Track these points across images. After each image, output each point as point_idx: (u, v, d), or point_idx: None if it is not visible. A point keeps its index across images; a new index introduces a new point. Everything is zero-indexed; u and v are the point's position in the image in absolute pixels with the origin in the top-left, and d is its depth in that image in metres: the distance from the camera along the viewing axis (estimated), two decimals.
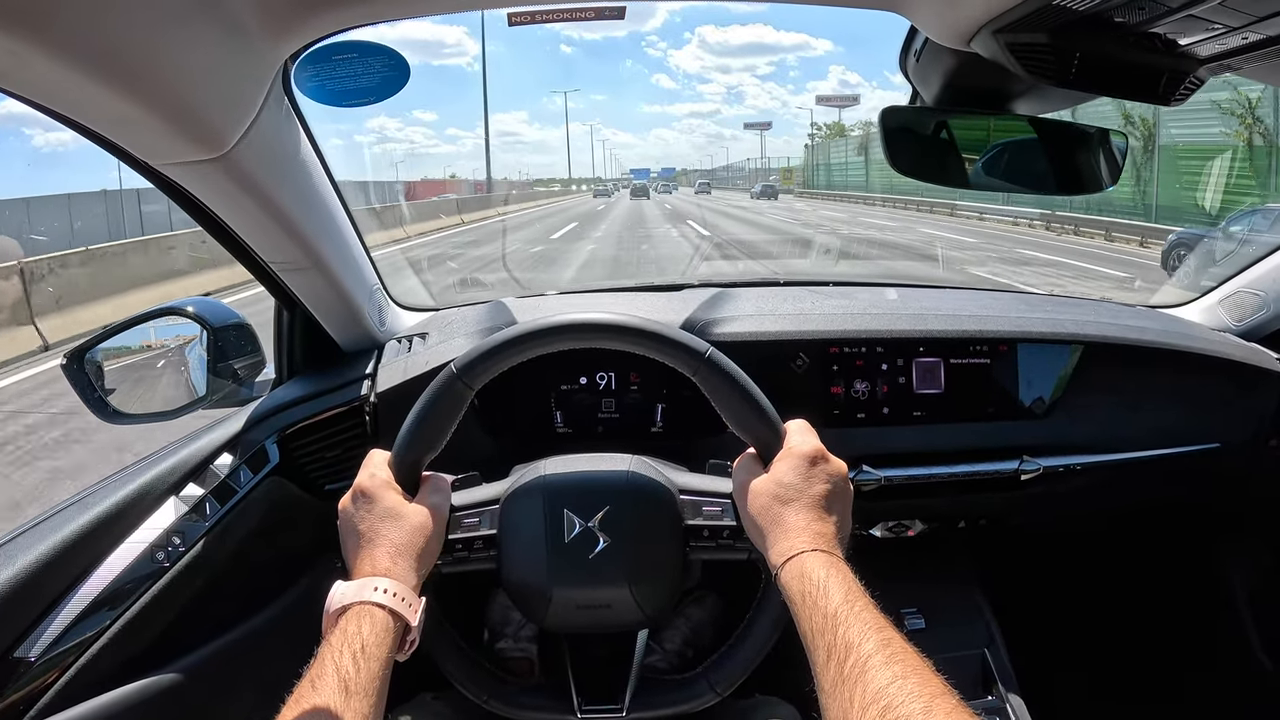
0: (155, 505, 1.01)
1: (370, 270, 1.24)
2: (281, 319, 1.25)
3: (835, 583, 0.71)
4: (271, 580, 1.14)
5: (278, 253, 1.05)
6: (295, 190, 0.98)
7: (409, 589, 0.78)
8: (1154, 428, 1.31)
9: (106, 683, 0.92)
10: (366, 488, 0.83)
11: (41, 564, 0.89)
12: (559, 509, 0.89)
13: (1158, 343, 1.32)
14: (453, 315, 1.39)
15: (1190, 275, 7.03)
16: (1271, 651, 1.50)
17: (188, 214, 0.96)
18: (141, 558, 0.97)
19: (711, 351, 0.85)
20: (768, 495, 0.81)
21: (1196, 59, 0.80)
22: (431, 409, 0.86)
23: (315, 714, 0.65)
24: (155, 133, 0.77)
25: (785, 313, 1.31)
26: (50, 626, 0.89)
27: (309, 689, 0.67)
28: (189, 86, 0.74)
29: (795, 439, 0.85)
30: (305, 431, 1.17)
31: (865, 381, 1.26)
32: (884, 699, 0.59)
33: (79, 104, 0.72)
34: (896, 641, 0.65)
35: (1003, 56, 0.77)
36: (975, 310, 1.35)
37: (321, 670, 0.68)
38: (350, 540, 0.83)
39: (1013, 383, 1.28)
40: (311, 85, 0.91)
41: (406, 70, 0.92)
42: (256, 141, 0.85)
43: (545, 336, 0.86)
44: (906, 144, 0.97)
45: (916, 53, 0.92)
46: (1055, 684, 1.44)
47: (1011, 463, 1.24)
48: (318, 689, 0.67)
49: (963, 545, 1.50)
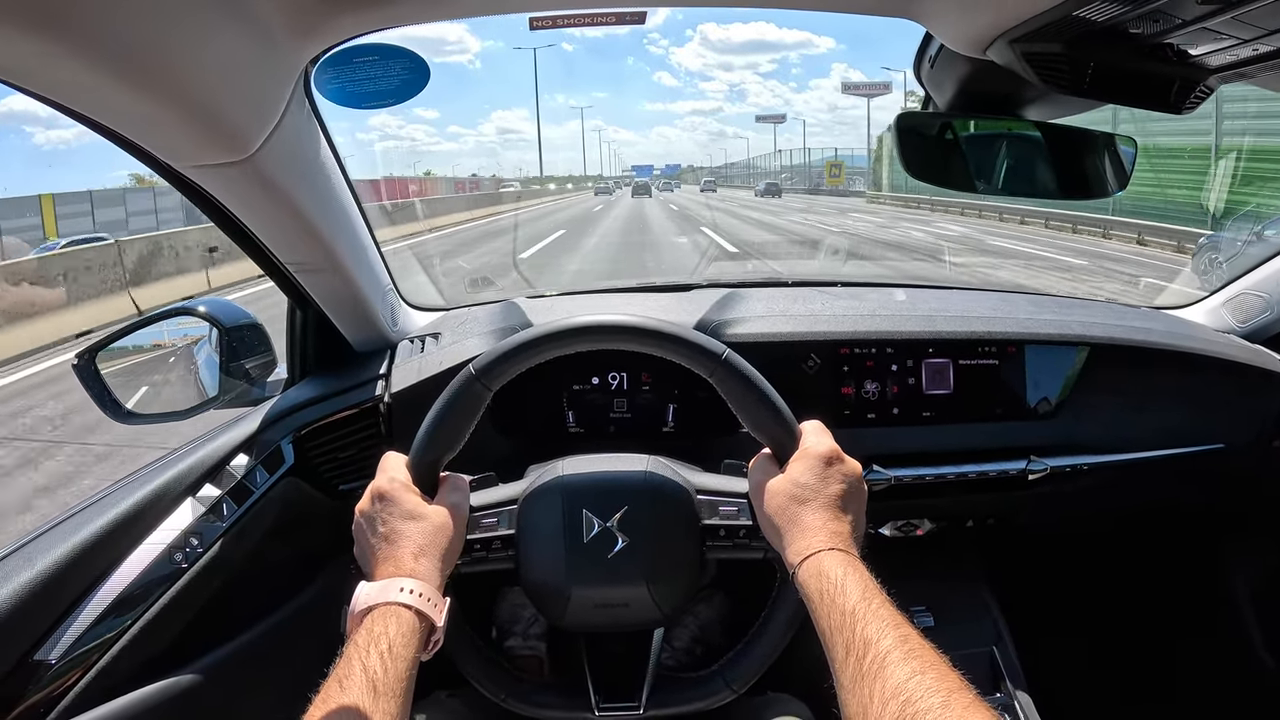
0: (173, 506, 1.02)
1: (384, 270, 1.25)
2: (295, 319, 1.25)
3: (853, 581, 0.72)
4: (287, 580, 1.15)
5: (295, 253, 1.06)
6: (315, 192, 0.99)
7: (434, 589, 0.78)
8: (1159, 428, 1.32)
9: (126, 684, 0.92)
10: (385, 490, 0.84)
11: (60, 566, 0.89)
12: (578, 509, 0.90)
13: (1163, 344, 1.34)
14: (464, 315, 1.40)
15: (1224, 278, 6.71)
16: (1274, 650, 1.52)
17: (206, 215, 0.97)
18: (160, 559, 0.97)
19: (728, 353, 0.86)
20: (784, 495, 0.82)
21: (1207, 69, 0.81)
22: (450, 410, 0.86)
23: (344, 713, 0.65)
24: (181, 135, 0.78)
25: (796, 314, 1.32)
26: (70, 628, 0.89)
27: (336, 689, 0.67)
28: (215, 90, 0.74)
29: (811, 439, 0.86)
30: (320, 432, 1.17)
31: (875, 382, 1.27)
32: (903, 694, 0.60)
33: (106, 106, 0.72)
34: (914, 638, 0.66)
35: (1018, 65, 0.78)
36: (983, 311, 1.36)
37: (349, 670, 0.69)
38: (370, 543, 0.83)
39: (1020, 383, 1.29)
40: (332, 88, 0.92)
41: (426, 73, 0.93)
42: (280, 145, 0.86)
43: (564, 338, 0.87)
44: (920, 148, 0.98)
45: (931, 59, 0.93)
46: (1063, 682, 1.45)
47: (1019, 463, 1.25)
48: (345, 689, 0.67)
49: (971, 544, 1.51)
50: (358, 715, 0.65)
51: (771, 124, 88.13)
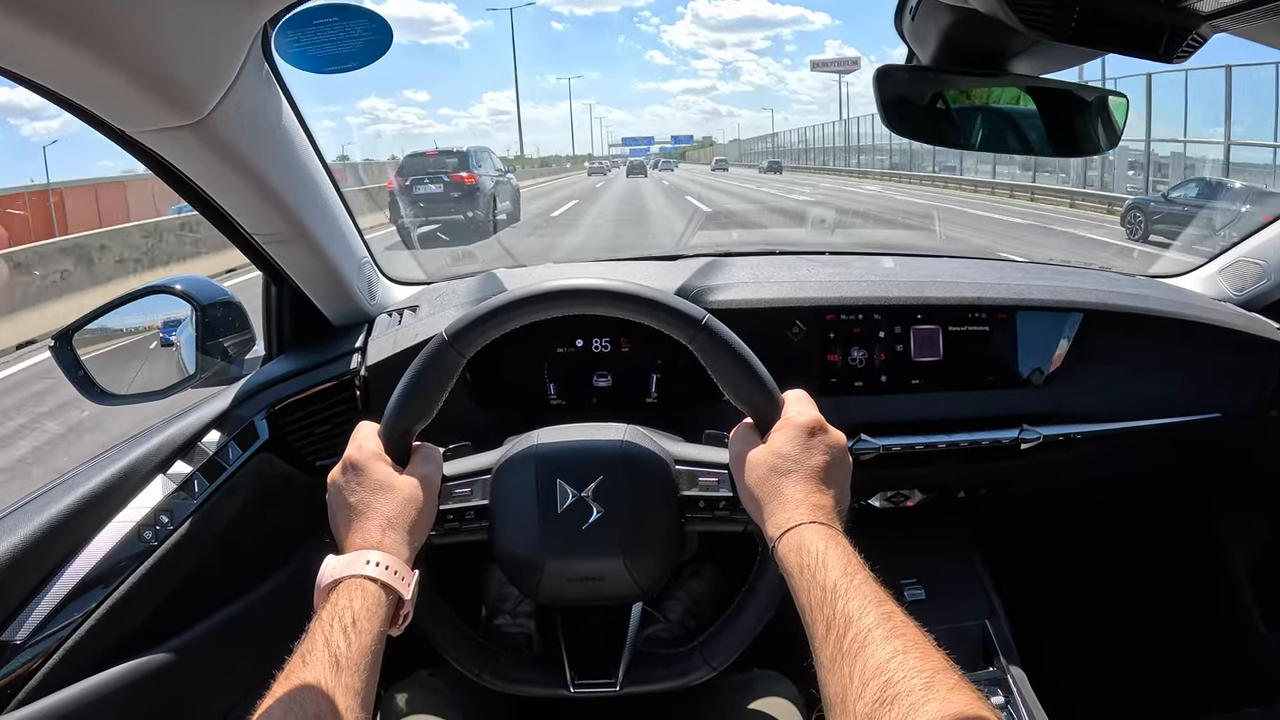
0: (143, 484, 1.00)
1: (359, 242, 1.23)
2: (270, 293, 1.23)
3: (834, 555, 0.70)
4: (262, 558, 1.14)
5: (261, 223, 1.03)
6: (277, 158, 0.96)
7: (401, 561, 0.77)
8: (1154, 397, 1.30)
9: (96, 664, 0.91)
10: (356, 459, 0.82)
11: (26, 546, 0.88)
12: (551, 479, 0.87)
13: (1158, 311, 1.31)
14: (444, 288, 1.38)
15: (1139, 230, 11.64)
16: (1269, 621, 1.51)
17: (168, 185, 0.94)
18: (129, 537, 0.96)
19: (708, 318, 0.83)
20: (765, 466, 0.79)
21: (1198, 15, 0.78)
22: (422, 377, 0.84)
23: (305, 689, 0.64)
24: (129, 98, 0.75)
25: (781, 280, 1.29)
26: (37, 609, 0.88)
27: (299, 664, 0.66)
28: (163, 49, 0.71)
29: (794, 409, 0.83)
30: (295, 407, 1.15)
31: (863, 349, 1.24)
32: (885, 674, 0.58)
33: (49, 69, 0.70)
34: (897, 615, 0.64)
35: (1000, 10, 0.74)
36: (974, 278, 1.34)
37: (312, 645, 0.68)
38: (340, 514, 0.82)
39: (1012, 351, 1.26)
40: (293, 51, 0.88)
41: (389, 34, 0.90)
42: (235, 107, 0.83)
43: (538, 302, 0.84)
44: (901, 106, 0.94)
45: (912, 10, 0.89)
46: (1056, 655, 1.44)
47: (1011, 431, 1.23)
48: (308, 664, 0.66)
49: (962, 515, 1.49)
50: (319, 690, 0.64)
51: (836, 73, 76.43)
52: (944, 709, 0.55)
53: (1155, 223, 11.43)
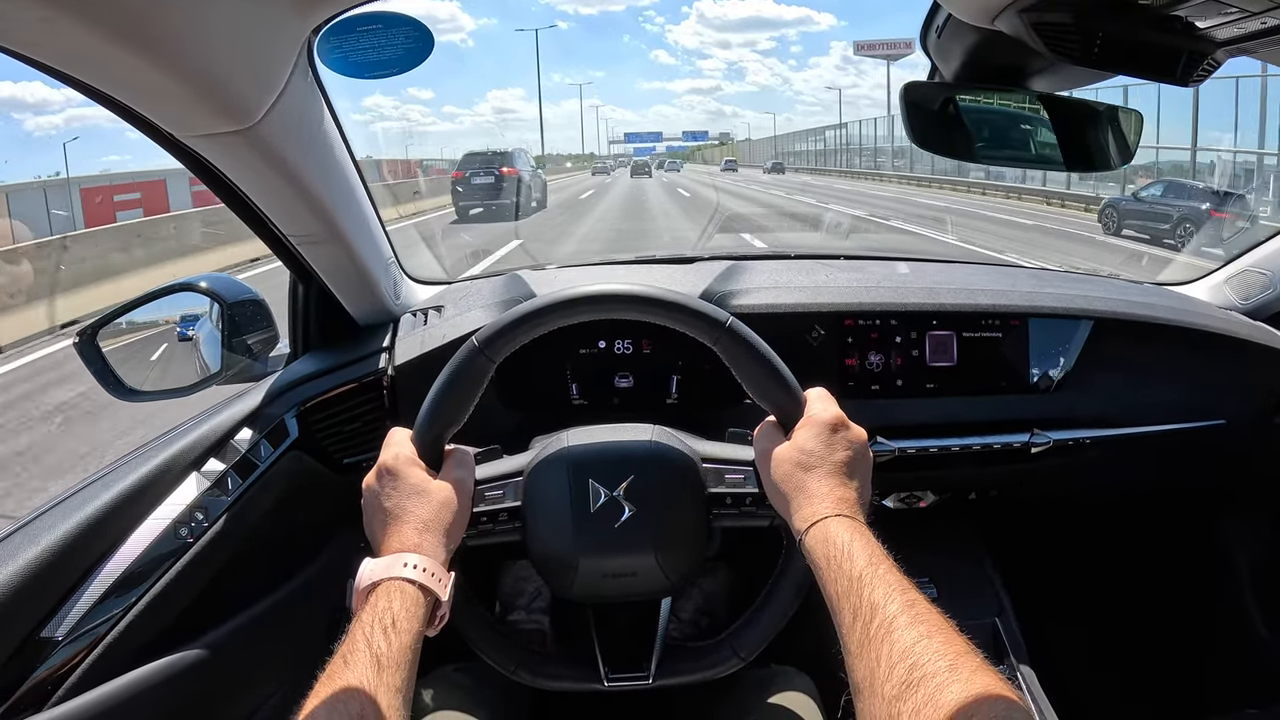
0: (177, 481, 1.02)
1: (385, 243, 1.24)
2: (297, 292, 1.24)
3: (859, 546, 0.73)
4: (292, 555, 1.15)
5: (298, 225, 1.05)
6: (318, 163, 0.98)
7: (438, 564, 0.79)
8: (1161, 403, 1.32)
9: (132, 660, 0.92)
10: (391, 465, 0.84)
11: (65, 543, 0.89)
12: (583, 479, 0.90)
13: (1166, 319, 1.34)
14: (467, 288, 1.39)
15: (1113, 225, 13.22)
16: (1270, 623, 1.53)
17: (207, 186, 0.97)
18: (165, 534, 0.97)
19: (732, 321, 0.86)
20: (790, 462, 0.82)
21: (1215, 41, 0.81)
22: (454, 384, 0.86)
23: (349, 690, 0.66)
24: (184, 104, 0.77)
25: (800, 285, 1.32)
26: (76, 605, 0.89)
27: (341, 665, 0.68)
28: (218, 58, 0.74)
29: (816, 406, 0.86)
30: (324, 405, 1.17)
31: (879, 354, 1.27)
32: (910, 657, 0.61)
33: (108, 75, 0.72)
34: (921, 603, 0.67)
35: (1026, 35, 0.77)
36: (986, 285, 1.36)
37: (354, 646, 0.69)
38: (376, 518, 0.83)
39: (1024, 357, 1.29)
40: (335, 57, 0.91)
41: (430, 41, 0.92)
42: (283, 114, 0.85)
43: (567, 308, 0.86)
44: (924, 118, 0.97)
45: (939, 29, 0.92)
46: (1064, 653, 1.47)
47: (1022, 436, 1.26)
48: (350, 665, 0.68)
49: (973, 516, 1.52)
50: (362, 691, 0.66)
51: (884, 57, 61.55)
52: (968, 690, 0.57)
53: (1126, 219, 13.05)
